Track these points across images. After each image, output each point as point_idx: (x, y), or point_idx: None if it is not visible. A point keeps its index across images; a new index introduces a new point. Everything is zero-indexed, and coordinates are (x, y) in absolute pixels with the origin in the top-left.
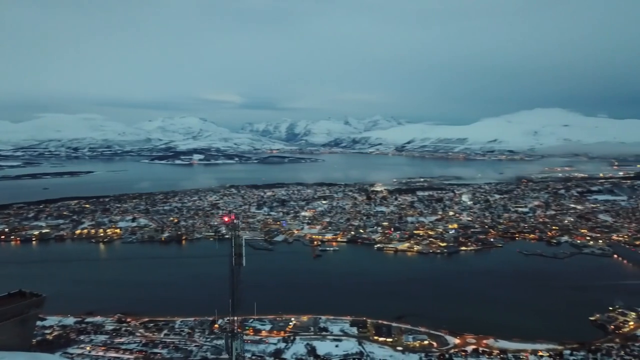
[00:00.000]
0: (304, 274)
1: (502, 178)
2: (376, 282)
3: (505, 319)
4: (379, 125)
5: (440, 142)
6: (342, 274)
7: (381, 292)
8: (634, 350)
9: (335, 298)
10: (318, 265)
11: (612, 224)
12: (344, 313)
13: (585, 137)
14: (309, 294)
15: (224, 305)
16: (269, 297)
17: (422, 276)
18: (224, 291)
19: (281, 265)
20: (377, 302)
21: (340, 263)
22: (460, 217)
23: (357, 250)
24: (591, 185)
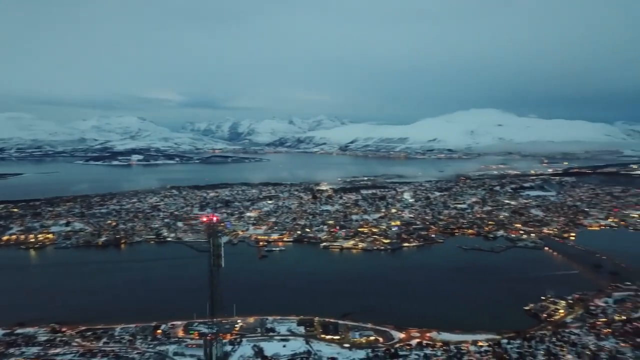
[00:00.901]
0: (249, 275)
1: (441, 176)
2: (323, 281)
3: (447, 312)
4: (323, 125)
5: (383, 142)
6: (288, 274)
7: (328, 290)
8: (565, 337)
9: (282, 298)
10: (264, 265)
11: (543, 218)
12: (291, 313)
13: (518, 136)
14: (255, 295)
15: (170, 309)
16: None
17: (367, 273)
18: (172, 294)
19: (226, 267)
20: (324, 300)
21: (287, 263)
22: (403, 214)
23: (303, 250)
24: (524, 182)
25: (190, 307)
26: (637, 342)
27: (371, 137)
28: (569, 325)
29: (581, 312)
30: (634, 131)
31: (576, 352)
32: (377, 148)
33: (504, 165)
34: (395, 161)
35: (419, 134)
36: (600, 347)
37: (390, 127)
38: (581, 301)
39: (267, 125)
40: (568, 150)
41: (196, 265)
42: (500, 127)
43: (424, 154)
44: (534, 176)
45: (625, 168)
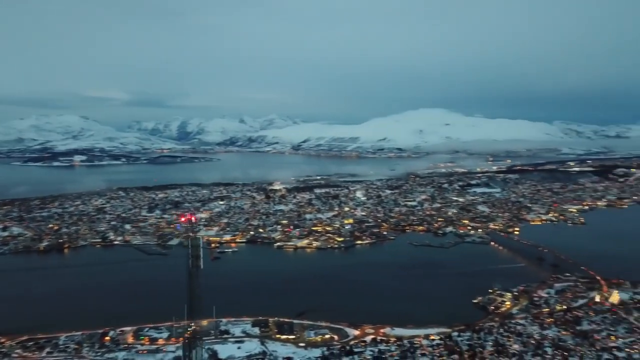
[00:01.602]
0: (202, 277)
1: (392, 174)
2: (277, 281)
3: (399, 307)
4: (275, 124)
5: (335, 141)
6: (242, 275)
7: (282, 290)
8: (511, 327)
9: (236, 299)
10: (217, 267)
11: (489, 214)
12: (246, 314)
13: (464, 135)
14: (208, 297)
15: (118, 315)
16: (165, 303)
17: (322, 271)
18: (121, 299)
19: (177, 270)
20: (279, 300)
21: (240, 264)
22: (355, 212)
23: (257, 250)
24: (470, 180)
25: (140, 312)
26: (577, 330)
27: (323, 137)
28: (515, 316)
29: (526, 303)
30: (570, 130)
31: (522, 342)
32: (329, 147)
33: (451, 164)
34: (347, 160)
35: (370, 133)
36: (543, 336)
37: (341, 127)
38: (525, 293)
39: (218, 124)
40: (511, 148)
41: (146, 269)
42: (447, 127)
43: (375, 153)
44: (480, 174)
45: (564, 165)
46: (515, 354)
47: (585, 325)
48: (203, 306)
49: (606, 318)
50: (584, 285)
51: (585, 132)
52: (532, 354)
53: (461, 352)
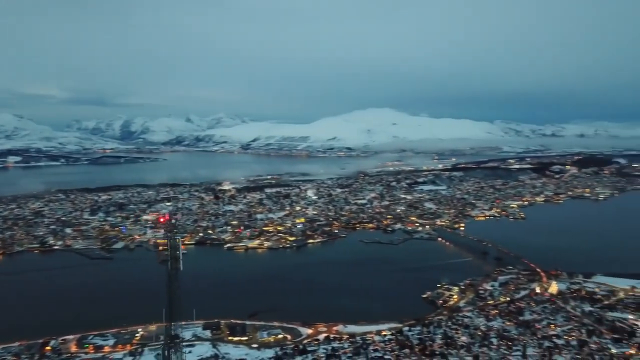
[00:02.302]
0: (149, 281)
1: (342, 173)
2: (228, 282)
3: (352, 304)
4: (223, 123)
5: (285, 140)
6: (191, 277)
7: (234, 291)
8: (459, 320)
9: (185, 302)
10: (165, 270)
11: (435, 211)
12: (196, 317)
13: (411, 135)
14: (156, 302)
15: (60, 323)
16: (111, 309)
17: (274, 271)
18: (62, 306)
19: (123, 274)
20: (230, 302)
21: (189, 266)
22: (307, 211)
23: (206, 252)
24: (417, 177)
25: (84, 319)
26: (520, 320)
27: (273, 136)
28: (462, 310)
29: (472, 296)
30: (510, 129)
31: (469, 334)
32: (279, 146)
33: (399, 162)
34: (297, 159)
35: (320, 132)
36: (489, 327)
37: (291, 126)
38: (472, 286)
39: (163, 123)
40: (455, 147)
41: (89, 274)
42: (394, 126)
43: (325, 152)
44: (426, 172)
45: (505, 163)
46: (463, 345)
47: (527, 315)
48: (183, 309)
49: (546, 308)
50: (525, 277)
51: (524, 131)
52: (479, 345)
53: (412, 346)
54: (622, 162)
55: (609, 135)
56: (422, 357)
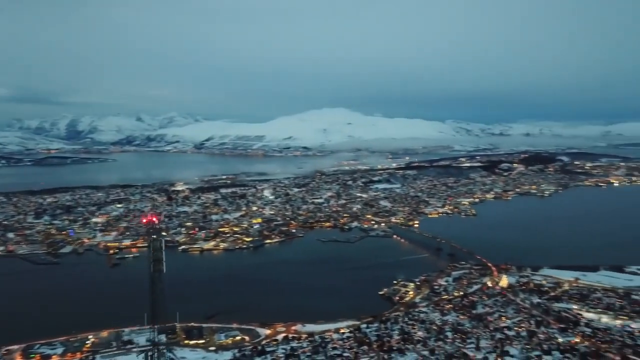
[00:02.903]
0: (99, 286)
1: (299, 172)
2: (183, 285)
3: (310, 303)
4: (175, 122)
5: (240, 140)
6: (145, 281)
7: (189, 294)
8: (415, 316)
9: (139, 307)
10: (116, 274)
11: (390, 209)
12: (151, 321)
13: (365, 134)
14: (108, 307)
15: (3, 334)
16: (59, 316)
17: (230, 273)
18: (4, 315)
19: (71, 280)
20: (186, 304)
21: (142, 269)
22: (264, 211)
23: None
24: (373, 176)
25: (30, 327)
26: (473, 314)
27: (227, 135)
28: (418, 305)
29: (427, 291)
30: (461, 128)
31: (425, 328)
32: (234, 146)
33: (354, 161)
34: (253, 159)
35: (275, 132)
36: (444, 321)
37: (246, 125)
38: (427, 282)
39: (112, 122)
40: (409, 146)
41: (35, 280)
42: (349, 126)
43: (281, 151)
44: (381, 170)
45: (456, 161)
46: (419, 340)
47: (479, 308)
48: (167, 311)
49: (497, 301)
50: (477, 272)
51: (474, 130)
52: (434, 339)
53: (370, 343)
54: (565, 159)
55: (553, 135)
56: (380, 353)
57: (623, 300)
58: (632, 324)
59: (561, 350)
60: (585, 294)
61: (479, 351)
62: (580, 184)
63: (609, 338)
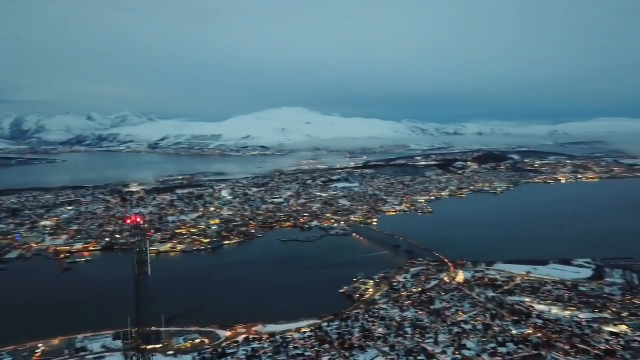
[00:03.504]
0: (50, 292)
1: (258, 172)
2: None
3: (271, 304)
4: (129, 122)
5: (196, 139)
6: (99, 285)
7: (146, 297)
8: (375, 313)
9: (93, 312)
10: (67, 279)
11: (350, 208)
12: (106, 327)
13: (324, 134)
14: (59, 314)
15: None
16: (6, 324)
17: (189, 275)
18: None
19: (18, 286)
20: (143, 309)
21: (96, 274)
22: (222, 212)
23: (114, 258)
24: (332, 175)
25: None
26: (431, 309)
27: (183, 134)
28: (378, 302)
29: (387, 289)
30: (416, 128)
31: (385, 325)
32: (190, 146)
33: (314, 161)
34: (210, 159)
35: (233, 131)
36: (404, 317)
37: (202, 124)
38: (386, 279)
39: (61, 121)
40: (366, 145)
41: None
42: (308, 125)
43: (239, 151)
44: (340, 170)
45: (412, 160)
46: (380, 337)
47: (437, 304)
48: (151, 315)
49: (454, 296)
50: (434, 268)
51: (429, 130)
52: (395, 335)
53: (332, 342)
54: (516, 158)
55: (504, 134)
56: (342, 351)
57: (571, 292)
58: (580, 314)
59: (515, 341)
60: (536, 287)
61: (438, 345)
62: (530, 182)
63: (559, 328)
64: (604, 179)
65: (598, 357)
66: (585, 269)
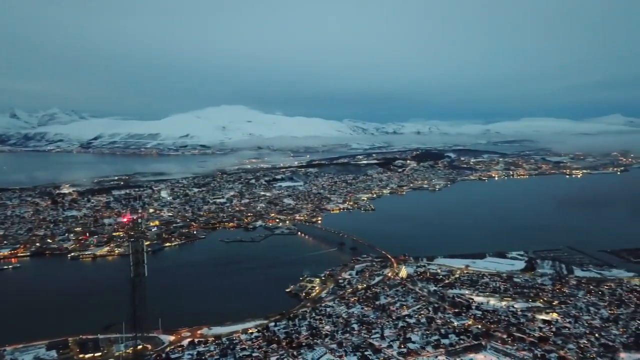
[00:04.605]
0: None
1: (198, 172)
2: (75, 295)
3: (216, 306)
4: (58, 120)
5: (132, 138)
6: (28, 293)
7: (83, 304)
8: (322, 310)
9: (24, 322)
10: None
11: (294, 206)
12: (38, 337)
13: (266, 132)
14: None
15: None
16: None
17: (128, 279)
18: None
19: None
20: (80, 316)
21: (24, 281)
22: (162, 213)
23: (45, 264)
24: (276, 174)
25: None
26: (377, 305)
27: (118, 133)
28: (324, 300)
29: (332, 286)
30: (357, 127)
31: (332, 322)
32: (126, 145)
33: (256, 160)
34: (147, 158)
35: (171, 129)
36: (350, 314)
37: (138, 123)
38: (331, 276)
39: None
40: (309, 144)
41: None
42: (249, 123)
43: (178, 150)
44: (283, 168)
45: (354, 159)
46: (327, 334)
47: (382, 299)
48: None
49: (398, 291)
50: (378, 264)
51: (369, 129)
52: (342, 331)
53: (279, 341)
54: (452, 156)
55: (441, 133)
56: (290, 350)
57: (507, 283)
58: (515, 304)
59: (457, 333)
60: (474, 280)
61: (384, 340)
62: (466, 179)
63: (497, 318)
64: (533, 175)
65: (532, 343)
66: (519, 261)
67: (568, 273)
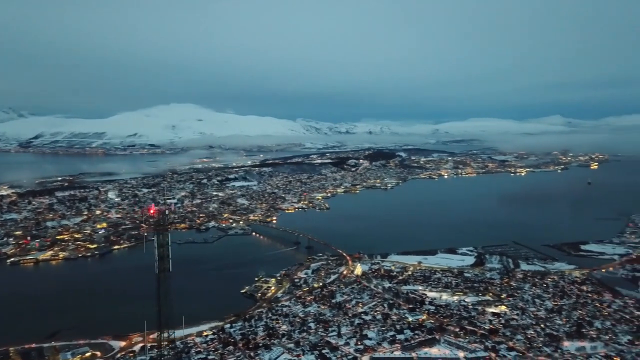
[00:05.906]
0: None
1: (148, 171)
2: (16, 302)
3: (168, 309)
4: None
5: (75, 137)
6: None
7: (25, 312)
8: (278, 310)
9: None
10: None
11: (248, 206)
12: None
13: (218, 131)
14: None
15: None
16: None
17: (74, 284)
18: None
19: None
20: (21, 324)
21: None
22: (109, 215)
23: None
24: (228, 174)
25: None
26: (333, 303)
27: (60, 132)
28: (280, 300)
29: (288, 285)
30: (310, 127)
31: (289, 322)
32: (69, 144)
33: (208, 159)
34: (93, 158)
35: (118, 128)
36: (307, 313)
37: (83, 121)
38: (287, 276)
39: None
40: (262, 143)
41: None
42: (200, 122)
43: (125, 149)
44: (236, 168)
45: (308, 158)
46: (284, 334)
47: (338, 297)
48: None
49: (354, 288)
50: (333, 262)
51: (323, 129)
52: (299, 331)
53: (235, 342)
54: (403, 155)
55: (392, 132)
56: (247, 351)
57: (458, 278)
58: (466, 298)
59: (411, 328)
60: (427, 276)
61: (341, 338)
62: (417, 177)
63: (449, 313)
64: (480, 173)
65: (483, 336)
66: (469, 257)
67: (515, 267)
